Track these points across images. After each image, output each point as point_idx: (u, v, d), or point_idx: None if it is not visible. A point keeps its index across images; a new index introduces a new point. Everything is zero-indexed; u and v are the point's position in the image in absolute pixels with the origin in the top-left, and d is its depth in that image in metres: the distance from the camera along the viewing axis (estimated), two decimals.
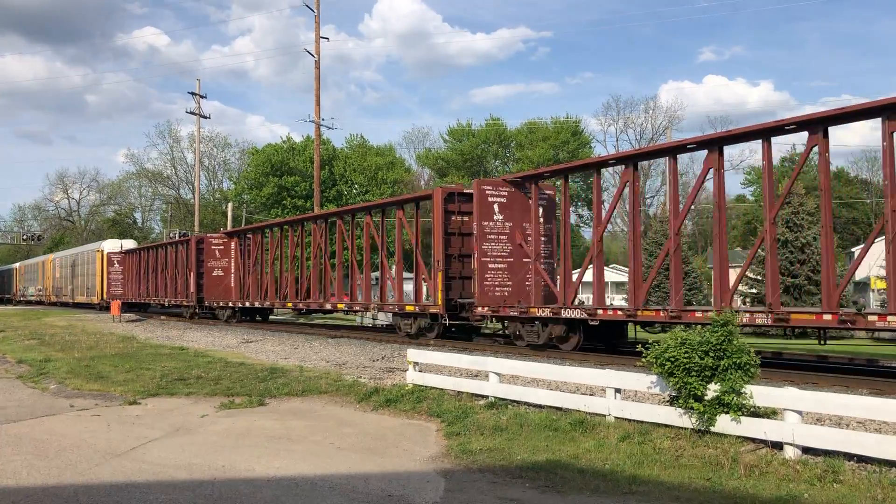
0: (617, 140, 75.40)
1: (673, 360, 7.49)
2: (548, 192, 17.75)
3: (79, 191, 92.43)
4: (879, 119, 10.72)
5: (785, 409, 6.93)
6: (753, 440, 7.14)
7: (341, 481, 6.64)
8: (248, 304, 27.94)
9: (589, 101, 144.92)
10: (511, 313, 15.93)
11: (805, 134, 11.54)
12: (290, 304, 25.15)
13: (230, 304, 28.94)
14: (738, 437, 7.18)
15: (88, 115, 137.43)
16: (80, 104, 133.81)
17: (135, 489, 6.47)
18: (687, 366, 7.40)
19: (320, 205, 38.95)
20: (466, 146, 67.85)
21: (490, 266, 16.54)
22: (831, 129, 11.37)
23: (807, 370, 12.08)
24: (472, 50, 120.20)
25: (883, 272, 20.94)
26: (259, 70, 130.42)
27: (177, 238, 36.76)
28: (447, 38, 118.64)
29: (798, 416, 6.84)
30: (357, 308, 22.19)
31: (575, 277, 16.33)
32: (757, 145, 12.29)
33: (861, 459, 6.48)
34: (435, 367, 11.51)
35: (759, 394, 7.20)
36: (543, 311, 15.12)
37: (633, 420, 8.11)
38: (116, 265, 41.78)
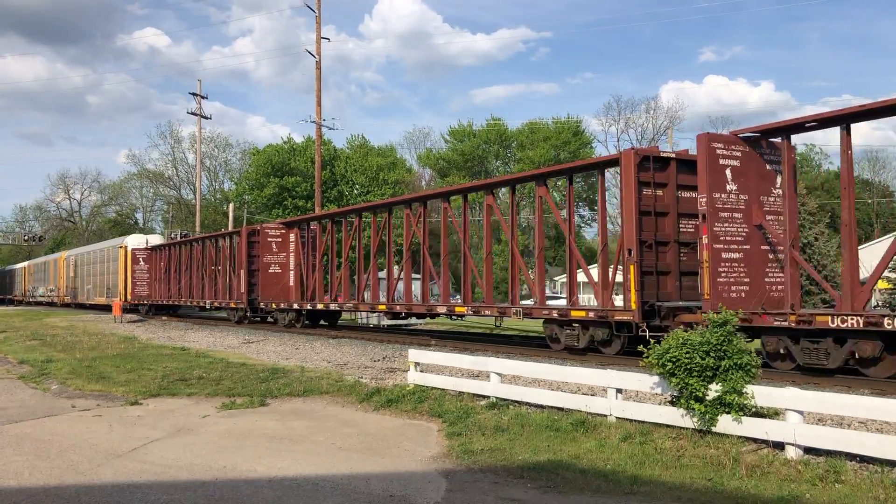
0: (618, 140, 75.48)
1: (674, 360, 7.49)
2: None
3: (80, 191, 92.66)
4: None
5: (786, 410, 6.92)
6: (755, 440, 7.14)
7: (343, 481, 6.64)
8: (314, 307, 23.47)
9: (589, 102, 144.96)
10: (778, 322, 11.28)
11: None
12: (382, 307, 20.71)
13: (292, 306, 24.57)
14: (740, 437, 7.18)
15: (89, 116, 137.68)
16: (80, 105, 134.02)
17: (136, 489, 6.47)
18: (688, 366, 7.40)
19: (321, 205, 38.95)
20: (467, 146, 67.91)
21: (724, 255, 12.11)
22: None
23: (807, 371, 12.05)
24: (472, 50, 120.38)
25: (891, 274, 20.96)
26: (260, 71, 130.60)
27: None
28: (447, 39, 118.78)
29: (799, 417, 6.84)
30: (488, 312, 16.67)
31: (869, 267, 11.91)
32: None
33: (863, 460, 6.48)
34: (436, 367, 11.52)
35: (761, 394, 7.19)
36: (846, 321, 10.54)
37: (635, 420, 8.11)
38: (142, 263, 37.68)
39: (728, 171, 12.29)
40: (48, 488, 6.56)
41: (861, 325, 10.39)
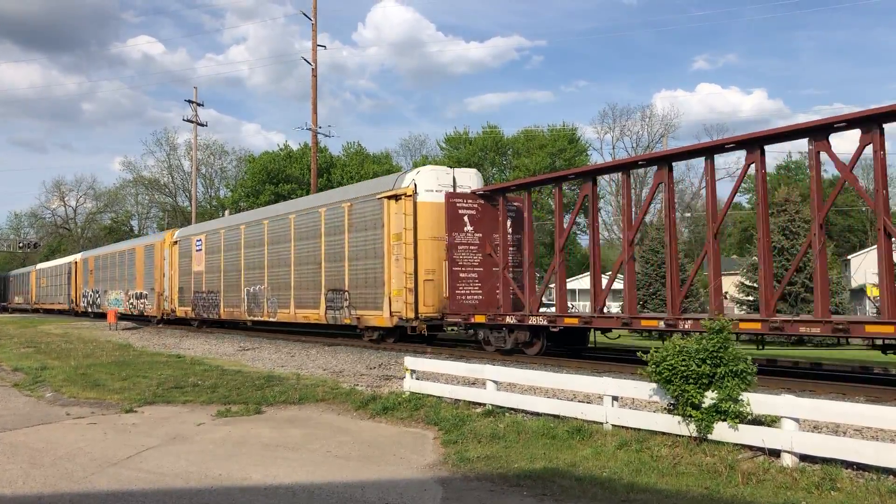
0: (613, 148, 75.66)
1: (671, 367, 7.50)
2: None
3: (75, 198, 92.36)
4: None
5: (782, 417, 6.93)
6: (751, 448, 7.14)
7: (338, 489, 6.62)
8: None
9: (584, 109, 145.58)
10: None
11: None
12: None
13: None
14: (736, 444, 7.18)
15: (83, 123, 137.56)
16: (75, 112, 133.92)
17: (131, 498, 6.44)
18: (684, 374, 7.41)
19: None
20: (463, 154, 67.97)
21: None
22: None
23: (803, 377, 12.09)
24: (465, 58, 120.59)
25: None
26: (254, 78, 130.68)
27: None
28: (441, 47, 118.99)
29: (795, 424, 6.85)
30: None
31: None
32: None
33: (859, 467, 6.49)
34: (432, 374, 11.50)
35: (757, 401, 7.20)
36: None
37: (631, 428, 8.10)
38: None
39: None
40: (42, 496, 6.52)
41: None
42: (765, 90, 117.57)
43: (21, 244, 79.63)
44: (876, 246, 10.99)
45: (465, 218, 17.45)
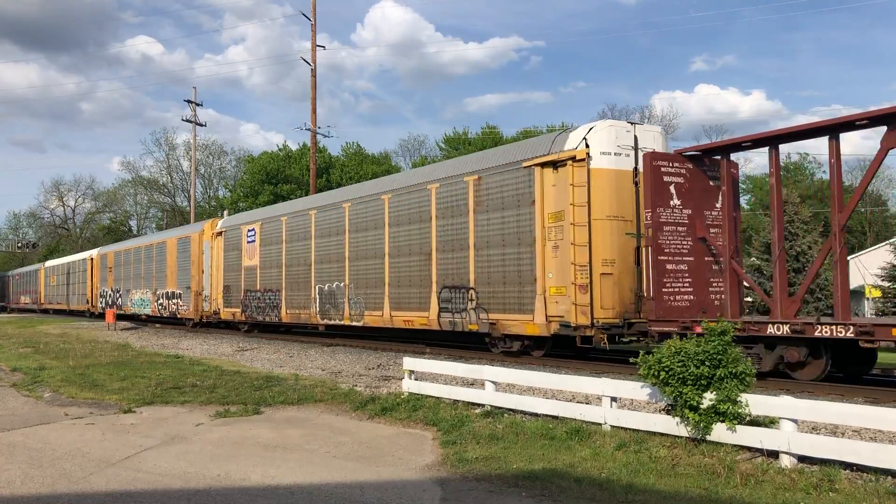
0: None
1: (668, 369, 7.50)
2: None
3: (74, 198, 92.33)
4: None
5: (780, 418, 6.94)
6: (749, 449, 7.15)
7: (337, 490, 6.62)
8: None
9: (583, 110, 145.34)
10: None
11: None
12: None
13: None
14: (735, 445, 7.19)
15: (82, 123, 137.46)
16: (74, 112, 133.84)
17: (129, 498, 6.44)
18: (682, 375, 7.41)
19: None
20: (463, 154, 67.93)
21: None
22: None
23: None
24: (464, 59, 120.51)
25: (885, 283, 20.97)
26: (253, 78, 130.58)
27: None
28: (440, 48, 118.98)
29: (793, 425, 6.86)
30: None
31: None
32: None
33: (857, 468, 6.50)
34: (431, 375, 11.50)
35: (755, 402, 7.21)
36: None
37: (630, 429, 8.11)
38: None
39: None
40: (41, 497, 6.52)
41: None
42: (763, 91, 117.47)
43: (20, 244, 79.64)
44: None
45: (672, 188, 12.75)
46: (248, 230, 26.08)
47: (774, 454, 6.93)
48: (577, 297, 13.50)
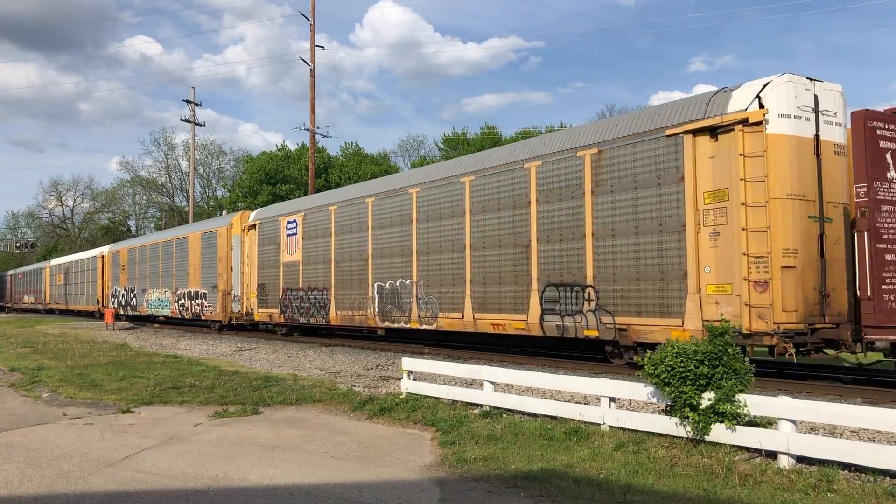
0: None
1: (669, 369, 7.51)
2: None
3: (73, 198, 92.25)
4: None
5: (779, 418, 6.94)
6: (748, 449, 7.15)
7: (336, 490, 6.62)
8: None
9: (581, 111, 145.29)
10: None
11: None
12: None
13: None
14: (733, 446, 7.19)
15: (81, 123, 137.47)
16: (72, 112, 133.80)
17: (128, 498, 6.44)
18: (682, 375, 7.42)
19: None
20: (462, 154, 67.96)
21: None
22: None
23: (800, 379, 12.11)
24: (463, 60, 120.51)
25: None
26: (251, 79, 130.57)
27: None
28: (438, 48, 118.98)
29: (792, 426, 6.86)
30: None
31: None
32: None
33: (855, 468, 6.50)
34: (429, 375, 11.50)
35: (754, 403, 7.21)
36: None
37: (628, 429, 8.11)
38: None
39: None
40: (39, 497, 6.51)
41: None
42: None
43: (18, 244, 79.56)
44: None
45: (889, 158, 10.08)
46: (289, 222, 23.20)
47: (773, 455, 6.94)
48: (750, 296, 10.84)
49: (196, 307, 28.80)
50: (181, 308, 30.18)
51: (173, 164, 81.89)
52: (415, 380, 11.12)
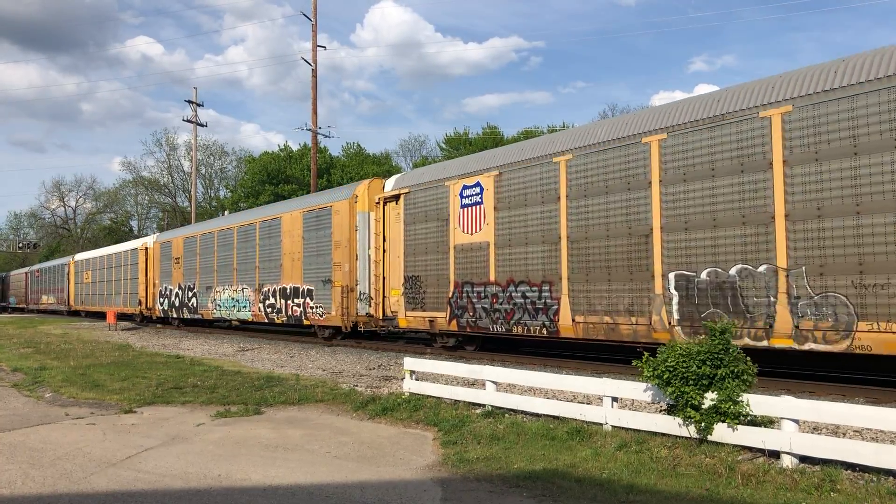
0: None
1: (671, 369, 7.50)
2: None
3: (75, 199, 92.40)
4: None
5: (782, 418, 6.93)
6: (751, 449, 7.14)
7: (338, 490, 6.62)
8: None
9: (583, 111, 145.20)
10: None
11: None
12: None
13: None
14: (736, 445, 7.18)
15: (83, 124, 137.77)
16: (74, 112, 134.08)
17: (130, 498, 6.44)
18: (684, 375, 7.41)
19: None
20: (463, 154, 67.94)
21: None
22: None
23: (802, 379, 12.09)
24: (464, 59, 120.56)
25: None
26: (253, 79, 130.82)
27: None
28: (439, 48, 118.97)
29: (795, 425, 6.85)
30: None
31: None
32: None
33: (858, 468, 6.49)
34: (431, 375, 11.49)
35: (756, 402, 7.20)
36: None
37: (631, 429, 8.10)
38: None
39: None
40: (41, 497, 6.52)
41: None
42: None
43: (20, 244, 79.66)
44: None
45: None
46: (466, 187, 16.39)
47: (776, 454, 6.93)
48: None
49: (295, 308, 22.14)
50: (270, 310, 23.61)
51: (175, 165, 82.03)
52: (417, 380, 11.12)
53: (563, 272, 14.08)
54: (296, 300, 22.30)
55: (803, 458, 6.76)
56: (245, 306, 25.41)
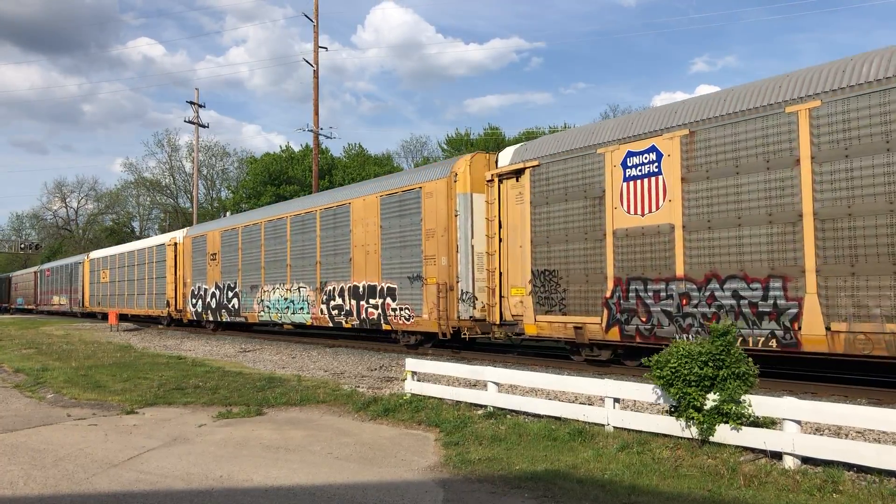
0: None
1: (673, 370, 7.50)
2: None
3: (77, 200, 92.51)
4: None
5: (784, 419, 6.92)
6: (753, 450, 7.14)
7: (339, 491, 6.62)
8: None
9: (584, 111, 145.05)
10: None
11: None
12: None
13: None
14: (738, 446, 7.17)
15: (84, 125, 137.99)
16: (76, 113, 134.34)
17: (132, 499, 6.44)
18: (686, 376, 7.41)
19: None
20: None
21: None
22: None
23: (804, 380, 12.08)
24: (465, 60, 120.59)
25: None
26: (254, 80, 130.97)
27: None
28: (440, 49, 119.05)
29: (797, 426, 6.84)
30: None
31: None
32: None
33: (860, 469, 6.48)
34: (433, 376, 11.49)
35: (758, 403, 7.19)
36: None
37: (632, 430, 8.10)
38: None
39: None
40: (43, 497, 6.52)
41: None
42: None
43: (22, 245, 79.75)
44: None
45: None
46: (630, 154, 12.60)
47: (778, 455, 6.92)
48: None
49: (371, 311, 18.84)
50: (336, 312, 20.30)
51: (177, 166, 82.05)
52: (418, 381, 11.12)
53: (809, 262, 10.29)
54: (372, 301, 18.91)
55: (805, 459, 6.75)
56: (302, 308, 21.96)
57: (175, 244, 31.47)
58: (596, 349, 13.78)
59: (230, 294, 26.46)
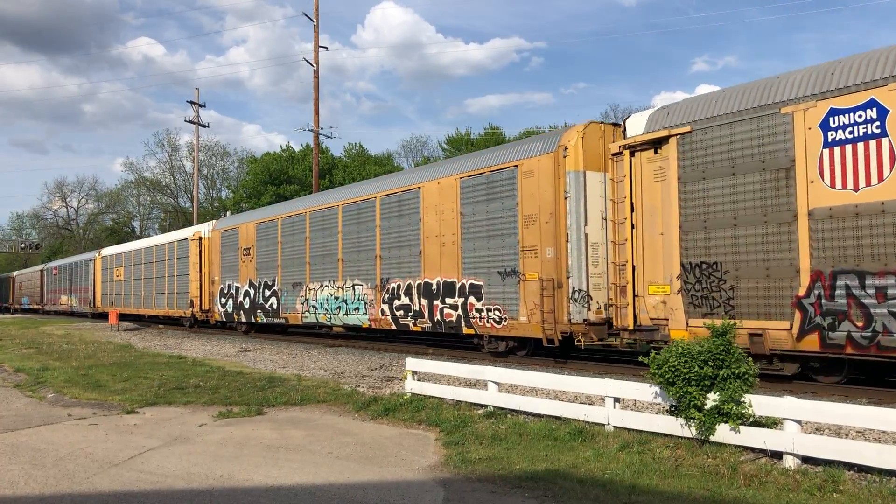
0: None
1: (673, 370, 7.50)
2: None
3: (77, 199, 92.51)
4: None
5: (784, 419, 6.92)
6: (753, 450, 7.14)
7: (340, 491, 6.62)
8: None
9: (584, 111, 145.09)
10: None
11: None
12: None
13: None
14: (738, 446, 7.18)
15: (85, 125, 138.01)
16: (76, 113, 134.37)
17: (133, 499, 6.44)
18: (687, 375, 7.41)
19: None
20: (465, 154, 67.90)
21: None
22: None
23: (804, 379, 12.06)
24: (465, 60, 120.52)
25: None
26: (254, 80, 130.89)
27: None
28: (440, 49, 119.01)
29: (797, 426, 6.84)
30: None
31: None
32: None
33: (861, 469, 6.48)
34: (433, 376, 11.50)
35: (759, 403, 7.19)
36: None
37: (633, 430, 8.10)
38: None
39: None
40: (44, 497, 6.53)
41: None
42: None
43: (23, 245, 79.79)
44: None
45: None
46: (833, 112, 9.95)
47: (778, 455, 6.92)
48: None
49: (448, 312, 16.30)
50: (401, 313, 17.78)
51: (177, 166, 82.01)
52: (419, 380, 11.12)
53: None
54: (449, 300, 16.31)
55: (806, 459, 6.76)
56: (357, 308, 19.40)
57: (200, 238, 28.75)
58: (777, 361, 10.98)
59: (267, 293, 23.75)
